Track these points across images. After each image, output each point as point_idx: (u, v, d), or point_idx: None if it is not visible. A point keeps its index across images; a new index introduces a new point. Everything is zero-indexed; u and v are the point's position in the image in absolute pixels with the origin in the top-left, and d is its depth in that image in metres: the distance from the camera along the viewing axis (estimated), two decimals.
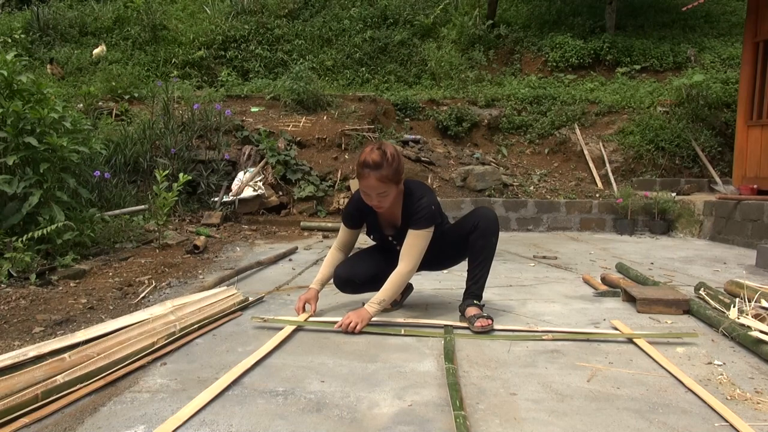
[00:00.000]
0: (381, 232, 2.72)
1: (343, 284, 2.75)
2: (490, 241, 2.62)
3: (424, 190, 2.57)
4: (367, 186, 2.41)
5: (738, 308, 2.61)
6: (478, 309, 2.56)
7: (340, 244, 2.77)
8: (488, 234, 2.60)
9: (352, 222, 2.72)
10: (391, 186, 2.41)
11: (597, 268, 4.17)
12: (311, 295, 2.66)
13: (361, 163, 2.41)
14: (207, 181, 6.52)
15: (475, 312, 2.52)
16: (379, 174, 2.37)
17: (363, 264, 2.76)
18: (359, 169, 2.43)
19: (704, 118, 7.80)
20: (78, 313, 2.74)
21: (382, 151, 2.39)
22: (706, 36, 9.99)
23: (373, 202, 2.46)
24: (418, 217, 2.49)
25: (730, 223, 5.75)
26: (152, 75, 8.95)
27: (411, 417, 1.63)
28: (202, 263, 4.09)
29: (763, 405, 1.75)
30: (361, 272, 2.72)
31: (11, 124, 3.63)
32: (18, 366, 1.90)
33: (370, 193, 2.43)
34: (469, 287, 2.65)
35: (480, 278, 2.64)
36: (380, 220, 2.67)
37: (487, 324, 2.43)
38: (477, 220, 2.60)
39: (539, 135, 8.22)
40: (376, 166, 2.37)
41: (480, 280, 2.64)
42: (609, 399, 1.78)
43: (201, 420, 1.59)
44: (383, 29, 10.24)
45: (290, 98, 7.81)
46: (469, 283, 2.66)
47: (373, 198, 2.45)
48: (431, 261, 2.70)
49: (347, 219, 2.72)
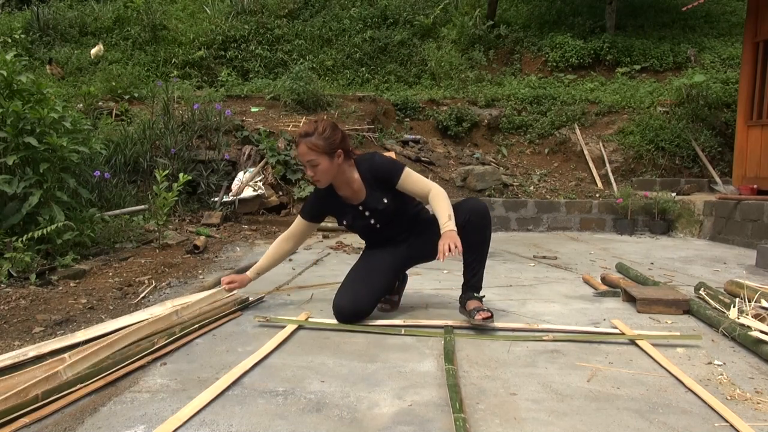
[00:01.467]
0: (352, 211, 2.67)
1: (350, 318, 2.53)
2: (484, 235, 2.63)
3: (371, 154, 2.68)
4: (299, 154, 2.53)
5: (738, 308, 2.60)
6: (478, 302, 2.57)
7: (290, 234, 2.78)
8: (481, 228, 2.60)
9: (311, 213, 2.75)
10: (322, 156, 2.47)
11: (597, 268, 4.17)
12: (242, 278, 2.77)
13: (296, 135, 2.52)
14: (207, 181, 6.52)
15: (475, 305, 2.53)
16: (308, 141, 2.47)
17: (364, 287, 2.58)
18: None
19: (704, 118, 7.80)
20: (78, 313, 2.74)
21: (315, 123, 2.53)
22: (706, 36, 9.99)
23: (308, 172, 2.54)
24: (386, 170, 2.57)
25: (730, 223, 5.75)
26: (152, 75, 8.95)
27: (411, 417, 1.63)
28: (202, 263, 4.09)
29: (763, 405, 1.75)
30: (366, 300, 2.56)
31: (11, 124, 3.62)
32: (18, 366, 1.90)
33: (302, 161, 2.53)
34: (468, 280, 2.66)
35: (478, 271, 2.66)
36: (344, 201, 2.67)
37: (487, 316, 2.44)
38: (468, 216, 2.56)
39: (539, 135, 8.22)
40: (306, 134, 2.49)
41: (478, 273, 2.66)
42: (609, 399, 1.78)
43: (201, 420, 1.59)
44: (383, 29, 10.24)
45: (290, 98, 7.81)
46: (467, 277, 2.67)
47: (306, 168, 2.54)
48: (424, 253, 2.72)
49: (306, 210, 2.76)
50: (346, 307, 2.52)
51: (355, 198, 2.65)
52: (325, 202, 2.70)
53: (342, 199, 2.66)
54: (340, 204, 2.68)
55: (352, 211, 2.68)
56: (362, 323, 2.52)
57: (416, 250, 2.77)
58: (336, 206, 2.70)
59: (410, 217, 2.72)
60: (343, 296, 2.57)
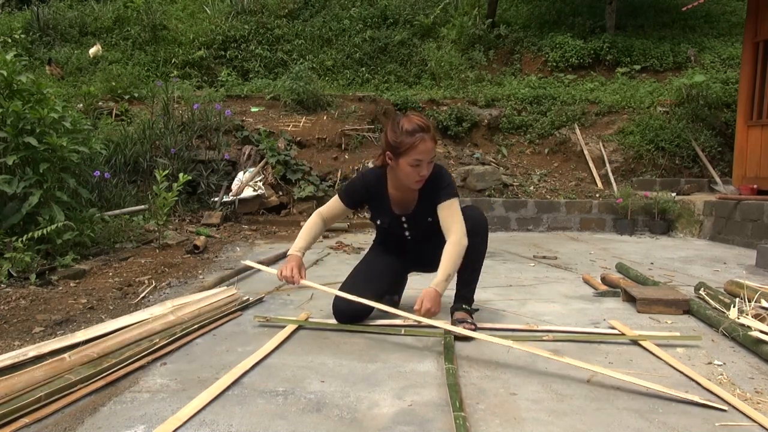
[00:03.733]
0: (391, 215, 2.54)
1: (349, 319, 2.51)
2: (479, 250, 2.50)
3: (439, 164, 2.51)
4: (425, 151, 2.29)
5: (738, 308, 2.60)
6: (465, 314, 2.48)
7: (327, 215, 2.57)
8: (477, 244, 2.46)
9: (353, 199, 2.57)
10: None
11: (597, 268, 4.17)
12: (298, 262, 2.46)
13: (409, 131, 2.29)
14: (207, 181, 6.52)
15: (461, 316, 2.46)
16: (431, 135, 2.31)
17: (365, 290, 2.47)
18: (407, 137, 2.29)
19: (704, 118, 7.80)
20: (78, 313, 2.74)
21: (422, 117, 2.35)
22: (706, 36, 9.98)
23: (423, 172, 2.34)
24: (446, 184, 2.42)
25: (730, 223, 5.75)
26: (152, 75, 8.94)
27: (411, 417, 1.63)
28: (202, 263, 4.09)
29: (763, 405, 1.75)
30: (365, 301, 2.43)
31: (11, 124, 3.62)
32: (18, 366, 1.90)
33: (425, 159, 2.31)
34: (459, 290, 2.55)
35: (470, 282, 2.54)
36: (392, 200, 2.52)
37: (470, 329, 2.34)
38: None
39: (539, 135, 8.22)
40: (428, 128, 2.29)
41: (471, 284, 2.54)
42: (609, 399, 1.78)
43: (201, 420, 1.59)
44: (383, 29, 10.23)
45: (290, 98, 7.81)
46: (458, 287, 2.55)
47: (424, 167, 2.33)
48: (423, 261, 2.67)
49: (349, 195, 2.56)
50: (345, 309, 2.49)
51: (402, 205, 2.53)
52: (371, 194, 2.53)
53: (389, 199, 2.52)
54: (385, 203, 2.54)
55: (393, 217, 2.57)
56: (362, 323, 2.52)
57: (423, 264, 2.73)
58: (379, 203, 2.55)
59: (441, 242, 2.45)
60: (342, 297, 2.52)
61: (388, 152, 2.39)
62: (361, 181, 2.57)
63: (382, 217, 2.58)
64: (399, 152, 2.33)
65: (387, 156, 2.41)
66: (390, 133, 2.36)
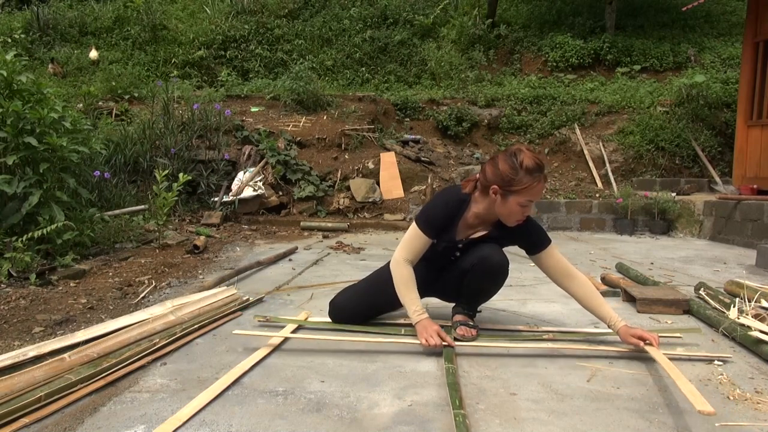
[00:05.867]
0: (452, 240, 2.38)
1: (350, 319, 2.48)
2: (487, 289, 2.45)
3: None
4: (539, 192, 2.17)
5: (738, 308, 2.60)
6: (466, 317, 2.44)
7: (414, 256, 2.32)
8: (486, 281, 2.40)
9: (436, 230, 2.31)
10: None
11: (597, 268, 4.17)
12: (435, 325, 2.21)
13: (530, 169, 2.12)
14: (207, 181, 6.52)
15: (461, 318, 2.43)
16: (545, 175, 2.17)
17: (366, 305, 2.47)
18: (526, 176, 2.12)
19: (704, 118, 7.80)
20: (78, 313, 2.74)
21: (533, 151, 2.22)
22: (706, 36, 9.98)
23: (528, 212, 2.23)
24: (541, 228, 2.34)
25: (730, 223, 5.75)
26: (152, 75, 8.95)
27: (411, 417, 1.63)
28: (202, 263, 4.09)
29: (763, 405, 1.75)
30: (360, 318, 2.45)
31: (11, 124, 3.62)
32: (18, 366, 1.90)
33: (536, 200, 2.19)
34: (465, 301, 2.49)
35: (474, 303, 2.48)
36: (460, 227, 2.36)
37: (469, 335, 2.31)
38: (474, 262, 2.34)
39: (539, 135, 8.22)
40: (544, 167, 2.16)
41: (474, 305, 2.49)
42: (609, 399, 1.78)
43: (201, 420, 1.59)
44: (383, 29, 10.24)
45: (290, 98, 7.81)
46: (462, 300, 2.50)
47: (530, 208, 2.21)
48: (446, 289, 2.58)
49: (433, 227, 2.30)
50: (337, 318, 2.49)
51: (468, 233, 2.38)
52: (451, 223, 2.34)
53: (458, 226, 2.35)
54: (451, 229, 2.36)
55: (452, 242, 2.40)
56: (362, 324, 2.52)
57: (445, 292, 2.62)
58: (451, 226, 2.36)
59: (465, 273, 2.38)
60: (339, 306, 2.50)
61: (496, 186, 2.17)
62: (444, 211, 2.32)
63: (441, 240, 2.39)
64: (512, 190, 2.14)
65: (493, 190, 2.18)
66: (505, 167, 2.15)
